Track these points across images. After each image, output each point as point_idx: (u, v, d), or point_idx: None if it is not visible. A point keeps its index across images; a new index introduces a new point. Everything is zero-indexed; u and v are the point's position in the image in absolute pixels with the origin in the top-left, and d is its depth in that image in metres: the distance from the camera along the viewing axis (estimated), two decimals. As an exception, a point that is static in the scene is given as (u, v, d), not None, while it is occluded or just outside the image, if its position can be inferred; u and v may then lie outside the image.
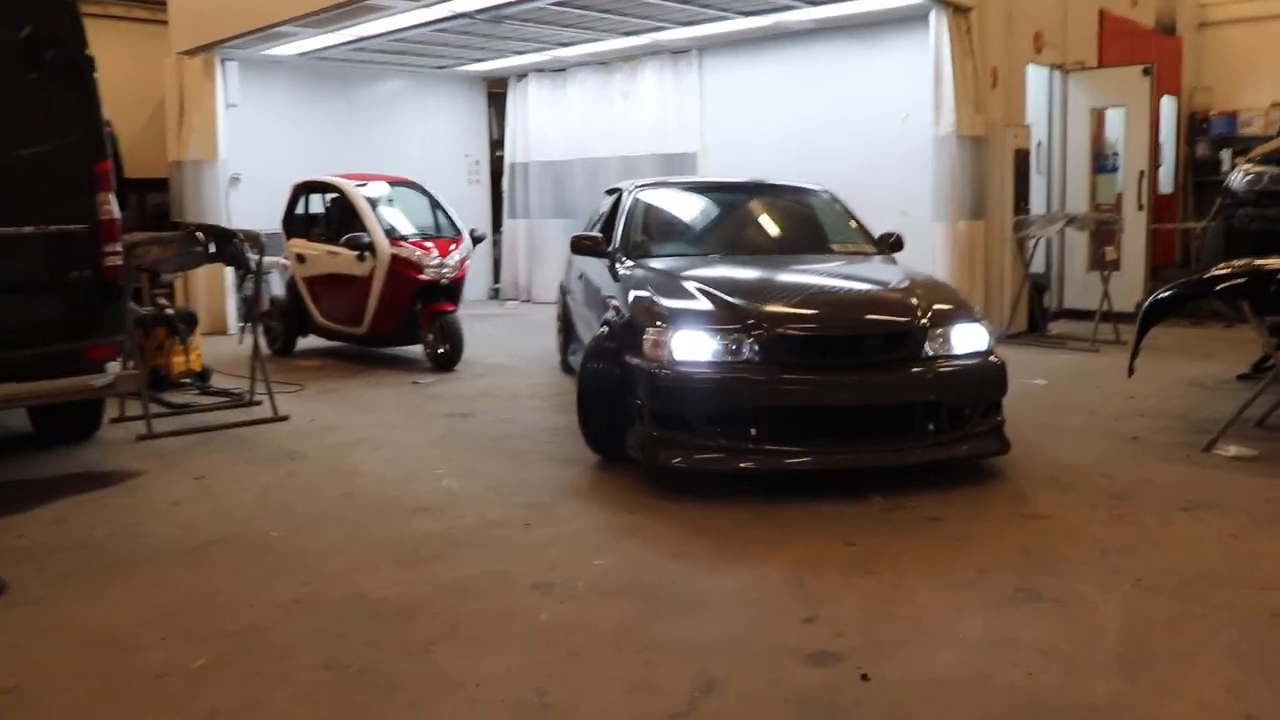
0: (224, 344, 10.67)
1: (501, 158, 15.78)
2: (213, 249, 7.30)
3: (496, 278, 15.96)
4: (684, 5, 10.62)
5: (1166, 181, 12.97)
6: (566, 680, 3.27)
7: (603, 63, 13.65)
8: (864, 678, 3.22)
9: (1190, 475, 5.50)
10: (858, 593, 3.94)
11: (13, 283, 5.50)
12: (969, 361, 5.42)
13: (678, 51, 12.72)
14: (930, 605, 3.84)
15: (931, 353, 5.32)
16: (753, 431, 5.11)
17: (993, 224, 10.26)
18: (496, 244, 15.71)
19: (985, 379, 5.45)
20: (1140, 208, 11.21)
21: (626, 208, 7.38)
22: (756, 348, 5.18)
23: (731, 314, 5.35)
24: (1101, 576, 4.07)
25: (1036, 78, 11.17)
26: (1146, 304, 6.35)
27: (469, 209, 14.08)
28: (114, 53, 5.92)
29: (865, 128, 11.19)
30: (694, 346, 5.26)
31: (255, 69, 12.80)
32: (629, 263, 6.65)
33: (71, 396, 5.87)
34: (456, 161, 15.40)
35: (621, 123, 13.65)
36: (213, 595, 4.05)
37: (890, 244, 7.00)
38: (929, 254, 10.03)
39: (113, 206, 5.80)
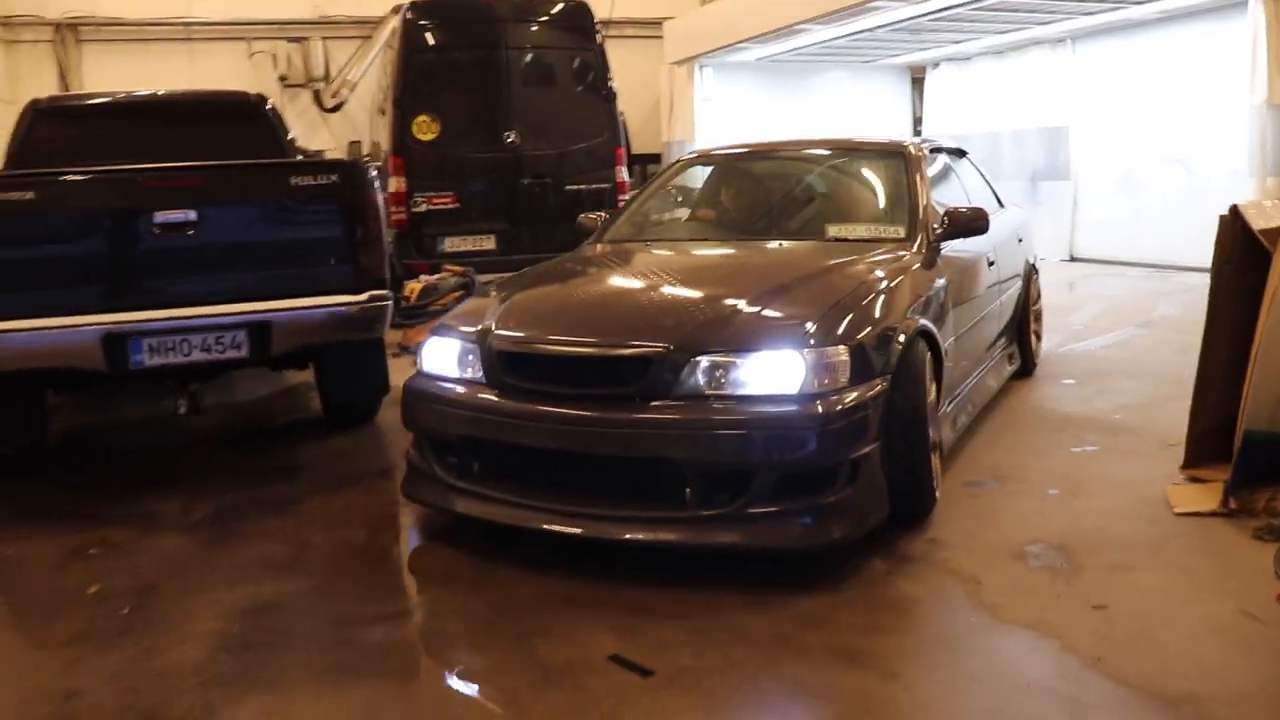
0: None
1: (921, 132, 18.90)
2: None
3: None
4: (1038, 12, 13.29)
5: None
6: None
7: (998, 52, 16.35)
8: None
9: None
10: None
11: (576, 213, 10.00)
12: (757, 408, 3.69)
13: (1056, 40, 15.21)
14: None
15: (695, 390, 3.75)
16: (475, 467, 4.16)
17: (1306, 180, 11.99)
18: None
19: (776, 435, 3.64)
20: None
21: (648, 185, 6.51)
22: (479, 364, 4.18)
23: (475, 321, 4.33)
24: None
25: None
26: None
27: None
28: (628, 61, 10.00)
29: (1207, 98, 13.06)
30: (438, 357, 4.37)
31: (724, 70, 16.96)
32: (593, 247, 5.71)
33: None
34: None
35: (1011, 101, 16.26)
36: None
37: (949, 225, 5.05)
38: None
39: (624, 175, 10.18)
